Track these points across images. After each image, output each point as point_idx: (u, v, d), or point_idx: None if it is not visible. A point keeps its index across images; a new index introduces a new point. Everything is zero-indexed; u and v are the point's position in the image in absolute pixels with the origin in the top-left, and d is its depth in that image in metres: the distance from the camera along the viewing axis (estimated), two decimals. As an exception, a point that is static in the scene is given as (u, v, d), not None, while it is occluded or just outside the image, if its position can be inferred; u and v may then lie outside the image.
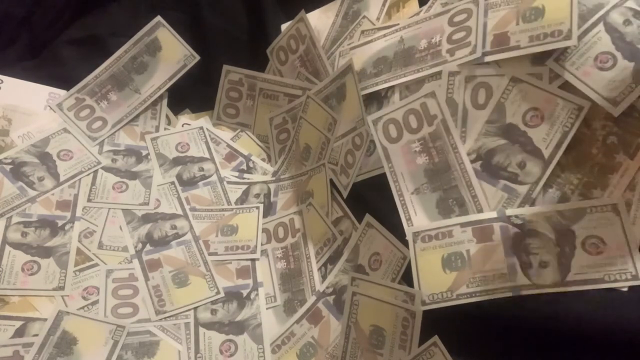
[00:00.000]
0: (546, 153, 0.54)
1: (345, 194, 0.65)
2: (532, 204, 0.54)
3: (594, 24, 0.53)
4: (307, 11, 0.83)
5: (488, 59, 0.57)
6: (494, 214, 0.54)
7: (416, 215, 0.57)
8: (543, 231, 0.52)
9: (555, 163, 0.53)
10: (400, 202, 0.58)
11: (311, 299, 0.64)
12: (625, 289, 0.49)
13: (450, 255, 0.54)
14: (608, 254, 0.51)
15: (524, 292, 0.50)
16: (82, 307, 0.64)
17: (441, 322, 0.53)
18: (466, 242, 0.54)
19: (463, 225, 0.54)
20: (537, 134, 0.54)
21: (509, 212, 0.54)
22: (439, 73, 0.59)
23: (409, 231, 0.56)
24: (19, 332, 0.61)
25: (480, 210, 0.55)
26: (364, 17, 0.76)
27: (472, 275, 0.52)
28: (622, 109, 0.50)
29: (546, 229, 0.53)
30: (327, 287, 0.64)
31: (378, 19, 0.76)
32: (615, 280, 0.50)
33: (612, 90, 0.50)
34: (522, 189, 0.54)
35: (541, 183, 0.54)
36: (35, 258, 0.66)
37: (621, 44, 0.52)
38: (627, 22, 0.53)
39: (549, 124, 0.54)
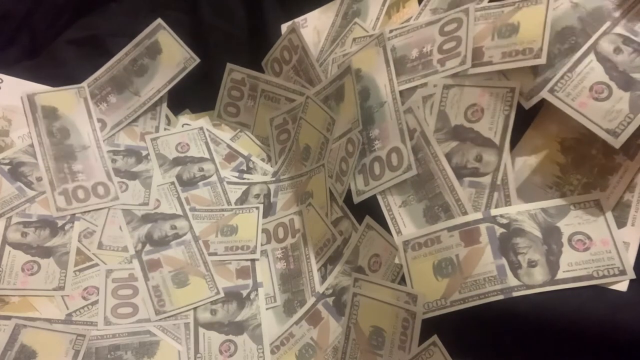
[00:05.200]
0: (496, 140, 0.56)
1: (340, 201, 0.65)
2: (500, 191, 0.55)
3: (585, 54, 0.53)
4: (307, 11, 0.83)
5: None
6: (479, 215, 0.54)
7: (405, 227, 0.58)
8: (529, 230, 0.53)
9: (508, 146, 0.55)
10: (390, 216, 0.59)
11: (311, 300, 0.64)
12: (624, 289, 0.49)
13: (441, 261, 0.54)
14: (595, 250, 0.51)
15: (515, 294, 0.50)
16: (82, 307, 0.65)
17: (440, 322, 0.53)
18: (454, 246, 0.54)
19: (450, 229, 0.55)
20: (482, 126, 0.57)
21: (494, 212, 0.54)
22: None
23: (398, 241, 0.57)
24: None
25: (465, 213, 0.55)
26: (355, 23, 0.76)
27: (464, 280, 0.52)
28: (623, 141, 0.50)
29: (532, 227, 0.53)
30: (327, 289, 0.64)
31: (378, 18, 0.76)
32: (604, 276, 0.50)
33: (611, 122, 0.50)
34: (486, 180, 0.55)
35: (501, 168, 0.55)
36: (35, 258, 0.66)
37: (614, 73, 0.52)
38: (617, 50, 0.52)
39: (489, 114, 0.56)
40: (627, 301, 0.49)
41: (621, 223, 0.52)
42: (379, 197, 0.60)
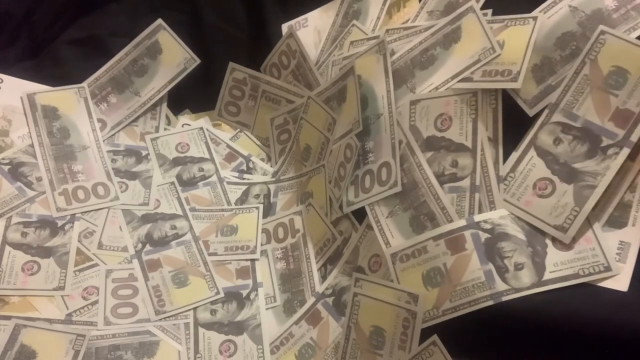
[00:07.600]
0: (468, 144, 0.57)
1: (337, 205, 0.65)
2: (481, 192, 0.55)
3: (525, 151, 0.54)
4: (307, 10, 0.83)
5: (446, 86, 0.59)
6: (463, 222, 0.54)
7: (393, 237, 0.58)
8: (513, 233, 0.53)
9: (480, 148, 0.56)
10: (378, 228, 0.59)
11: (310, 300, 0.64)
12: (625, 290, 0.49)
13: (429, 271, 0.54)
14: (578, 248, 0.51)
15: (505, 298, 0.50)
16: (82, 307, 0.65)
17: (439, 322, 0.53)
18: (441, 255, 0.54)
19: (435, 238, 0.55)
20: (452, 133, 0.58)
21: (477, 217, 0.54)
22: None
23: (387, 253, 0.57)
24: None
25: (450, 221, 0.55)
26: (353, 25, 0.76)
27: (453, 289, 0.52)
28: (572, 235, 0.50)
29: (515, 230, 0.53)
30: (327, 289, 0.64)
31: (379, 18, 0.76)
32: (590, 274, 0.50)
33: (557, 217, 0.51)
34: (465, 183, 0.56)
35: (478, 169, 0.56)
36: (35, 258, 0.66)
37: (556, 166, 0.52)
38: (557, 140, 0.52)
39: (458, 120, 0.57)
40: (627, 301, 0.49)
41: (622, 223, 0.51)
42: (367, 209, 0.60)
